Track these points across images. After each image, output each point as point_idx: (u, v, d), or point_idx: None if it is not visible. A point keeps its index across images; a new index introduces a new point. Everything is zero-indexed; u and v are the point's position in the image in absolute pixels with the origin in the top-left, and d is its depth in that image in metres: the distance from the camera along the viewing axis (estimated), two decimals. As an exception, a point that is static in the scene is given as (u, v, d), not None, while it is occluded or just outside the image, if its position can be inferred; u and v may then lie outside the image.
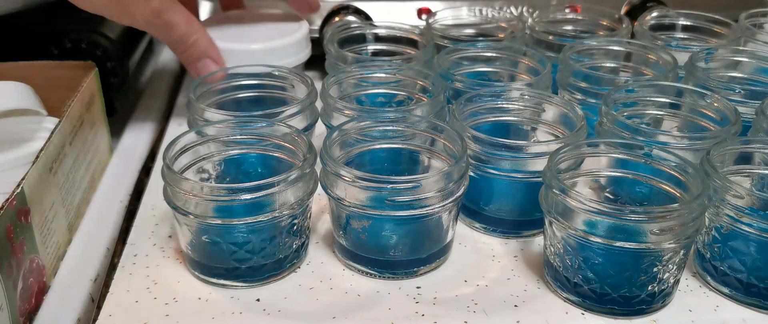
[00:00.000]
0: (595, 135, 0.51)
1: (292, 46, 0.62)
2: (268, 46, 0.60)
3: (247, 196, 0.42)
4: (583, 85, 0.55)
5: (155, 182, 0.55)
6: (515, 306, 0.44)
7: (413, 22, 0.66)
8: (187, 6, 0.57)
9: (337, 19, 0.68)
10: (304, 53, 0.63)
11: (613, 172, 0.47)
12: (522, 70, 0.59)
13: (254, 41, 0.60)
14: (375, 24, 0.65)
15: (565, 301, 0.44)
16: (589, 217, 0.41)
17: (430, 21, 0.65)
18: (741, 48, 0.61)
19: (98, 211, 0.52)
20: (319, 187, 0.45)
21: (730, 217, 0.43)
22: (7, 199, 0.39)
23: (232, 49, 0.60)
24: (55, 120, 0.52)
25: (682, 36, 0.67)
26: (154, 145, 0.63)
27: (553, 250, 0.44)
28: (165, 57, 0.78)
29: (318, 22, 0.69)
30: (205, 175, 0.48)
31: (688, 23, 0.67)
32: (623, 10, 0.71)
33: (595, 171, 0.48)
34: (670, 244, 0.40)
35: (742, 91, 0.53)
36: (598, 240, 0.41)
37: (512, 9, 0.71)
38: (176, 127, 0.64)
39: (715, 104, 0.51)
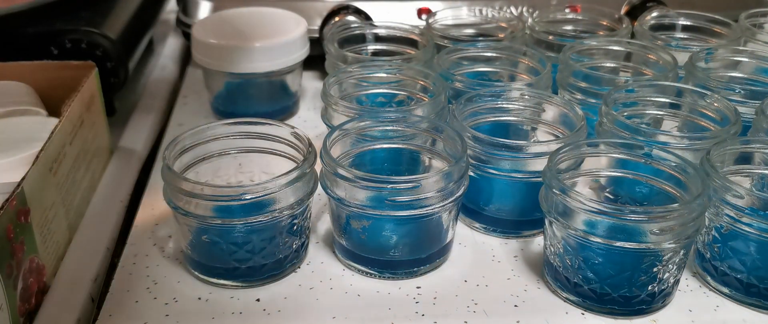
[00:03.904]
0: (595, 135, 0.50)
1: (290, 45, 0.62)
2: (266, 45, 0.60)
3: (248, 197, 0.42)
4: (583, 85, 0.55)
5: (155, 182, 0.55)
6: (515, 306, 0.44)
7: (413, 22, 0.66)
8: None
9: (337, 19, 0.68)
10: (303, 52, 0.63)
11: (613, 172, 0.47)
12: (522, 70, 0.59)
13: (253, 40, 0.60)
14: (375, 24, 0.65)
15: (565, 301, 0.44)
16: (589, 217, 0.41)
17: (430, 21, 0.65)
18: (741, 48, 0.61)
19: (98, 211, 0.52)
20: (319, 187, 0.45)
21: (730, 217, 0.43)
22: (7, 199, 0.39)
23: (231, 47, 0.60)
24: (55, 120, 0.52)
25: (682, 36, 0.67)
26: (154, 145, 0.63)
27: (553, 250, 0.44)
28: (165, 57, 0.78)
29: (318, 22, 0.69)
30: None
31: (688, 23, 0.67)
32: (623, 10, 0.71)
33: (595, 171, 0.48)
34: (670, 244, 0.40)
35: (742, 91, 0.53)
36: (598, 240, 0.41)
37: (512, 9, 0.71)
38: (176, 127, 0.64)
39: (715, 104, 0.51)
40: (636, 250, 0.40)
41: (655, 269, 0.41)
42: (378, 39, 0.64)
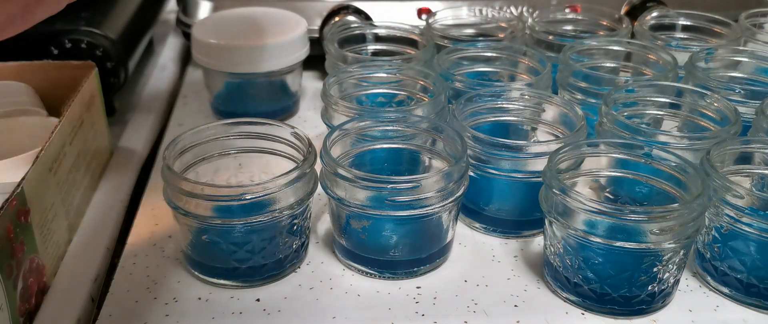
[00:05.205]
0: (595, 135, 0.51)
1: (290, 45, 0.62)
2: (266, 45, 0.60)
3: (248, 197, 0.42)
4: (583, 85, 0.55)
5: (155, 182, 0.55)
6: (515, 306, 0.44)
7: (413, 22, 0.66)
8: None
9: (337, 19, 0.68)
10: (303, 52, 0.63)
11: (613, 172, 0.47)
12: (522, 70, 0.59)
13: (253, 40, 0.60)
14: (375, 24, 0.65)
15: (565, 301, 0.44)
16: (589, 217, 0.41)
17: (430, 21, 0.65)
18: (741, 48, 0.61)
19: (98, 211, 0.52)
20: (319, 187, 0.45)
21: (730, 217, 0.43)
22: (7, 199, 0.39)
23: (231, 47, 0.60)
24: (55, 120, 0.52)
25: (682, 36, 0.67)
26: (154, 145, 0.63)
27: (553, 250, 0.44)
28: (165, 57, 0.78)
29: (318, 22, 0.69)
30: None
31: (688, 23, 0.67)
32: (623, 10, 0.71)
33: (595, 171, 0.48)
34: (670, 244, 0.40)
35: (742, 91, 0.53)
36: (598, 240, 0.41)
37: (512, 9, 0.71)
38: (176, 127, 0.64)
39: (715, 104, 0.51)
40: (636, 250, 0.40)
41: (655, 269, 0.41)
42: (378, 39, 0.64)
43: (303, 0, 0.70)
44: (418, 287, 0.45)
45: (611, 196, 0.49)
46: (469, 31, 0.67)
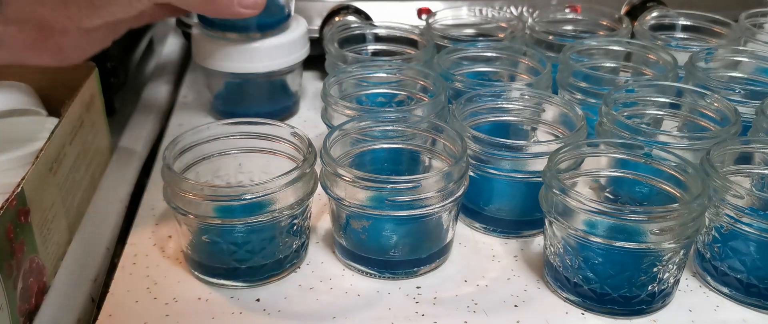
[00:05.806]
0: (595, 135, 0.51)
1: (290, 45, 0.62)
2: (266, 45, 0.60)
3: (248, 197, 0.42)
4: (583, 85, 0.55)
5: (155, 182, 0.56)
6: (515, 306, 0.44)
7: (413, 22, 0.66)
8: None
9: (337, 19, 0.68)
10: (303, 52, 0.63)
11: (613, 172, 0.47)
12: (522, 70, 0.59)
13: (253, 40, 0.60)
14: (375, 24, 0.65)
15: (565, 301, 0.44)
16: (589, 217, 0.41)
17: (430, 21, 0.65)
18: (741, 48, 0.61)
19: (98, 211, 0.52)
20: (319, 187, 0.45)
21: (730, 217, 0.43)
22: (7, 199, 0.39)
23: (231, 47, 0.60)
24: (55, 120, 0.52)
25: (682, 36, 0.67)
26: (154, 145, 0.63)
27: (553, 250, 0.44)
28: (165, 57, 0.78)
29: (318, 22, 0.69)
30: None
31: (688, 23, 0.67)
32: (623, 10, 0.71)
33: (595, 171, 0.48)
34: (670, 244, 0.40)
35: (742, 91, 0.53)
36: (598, 240, 0.41)
37: (512, 9, 0.71)
38: (176, 127, 0.64)
39: (715, 104, 0.51)
40: (636, 250, 0.40)
41: (655, 269, 0.41)
42: (378, 39, 0.64)
43: (303, 0, 0.70)
44: (418, 287, 0.45)
45: (611, 196, 0.49)
46: (469, 31, 0.67)
